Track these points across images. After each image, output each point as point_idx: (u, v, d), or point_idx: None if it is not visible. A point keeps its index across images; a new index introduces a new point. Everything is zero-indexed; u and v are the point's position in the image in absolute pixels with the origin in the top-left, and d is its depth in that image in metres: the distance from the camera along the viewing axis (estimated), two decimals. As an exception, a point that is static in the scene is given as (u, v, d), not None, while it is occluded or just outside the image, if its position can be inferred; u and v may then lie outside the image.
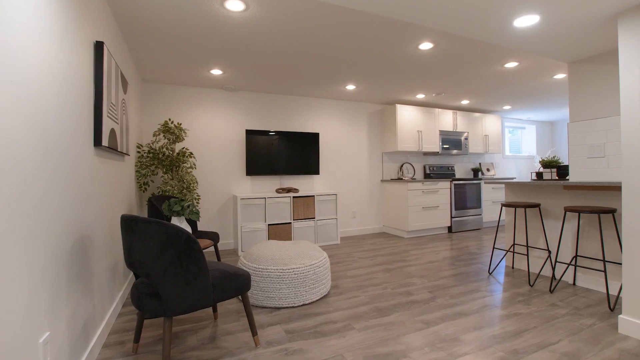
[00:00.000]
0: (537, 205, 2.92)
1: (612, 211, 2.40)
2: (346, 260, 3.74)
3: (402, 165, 5.72)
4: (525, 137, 7.76)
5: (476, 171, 6.37)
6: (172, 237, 1.49)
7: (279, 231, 4.31)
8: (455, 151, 5.80)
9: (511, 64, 3.60)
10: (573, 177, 2.86)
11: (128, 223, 1.51)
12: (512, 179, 6.20)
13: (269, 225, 4.24)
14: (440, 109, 5.65)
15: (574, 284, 2.83)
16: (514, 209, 3.40)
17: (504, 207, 3.07)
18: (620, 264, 2.50)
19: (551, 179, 3.14)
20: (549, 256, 2.97)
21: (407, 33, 2.71)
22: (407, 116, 5.31)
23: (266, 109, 4.72)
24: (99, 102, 1.89)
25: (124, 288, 2.65)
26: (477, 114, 6.10)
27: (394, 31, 2.68)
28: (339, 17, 2.43)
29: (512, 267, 3.37)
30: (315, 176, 5.04)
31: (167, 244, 1.49)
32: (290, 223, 4.38)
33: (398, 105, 5.21)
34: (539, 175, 3.32)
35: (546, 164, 3.16)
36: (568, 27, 2.26)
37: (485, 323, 2.13)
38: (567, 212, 2.61)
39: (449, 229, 5.46)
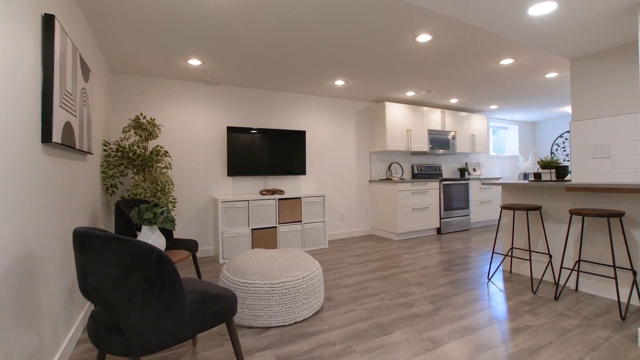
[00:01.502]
0: (539, 208, 2.79)
1: (620, 214, 2.28)
2: (337, 267, 3.49)
3: (390, 165, 5.55)
4: (508, 137, 7.81)
5: (463, 171, 6.30)
6: (139, 257, 1.19)
7: (264, 236, 4.01)
8: (442, 151, 5.69)
9: (507, 61, 3.47)
10: (575, 178, 2.74)
11: (81, 240, 1.19)
12: (498, 178, 6.17)
13: (252, 229, 3.93)
14: (428, 108, 5.52)
15: (577, 289, 2.72)
16: (512, 211, 3.27)
17: (503, 210, 3.00)
18: (628, 269, 2.39)
19: (551, 180, 3.02)
20: (550, 261, 2.85)
21: (405, 24, 2.50)
22: (396, 114, 5.14)
23: (249, 104, 4.40)
24: (49, 88, 1.55)
25: (86, 309, 2.28)
26: (463, 114, 6.02)
27: (392, 22, 2.45)
28: (334, 5, 2.17)
29: (510, 272, 3.24)
30: (301, 177, 4.77)
31: (133, 267, 1.18)
32: (275, 227, 4.09)
33: (387, 103, 5.02)
34: (537, 176, 3.20)
35: (545, 165, 3.04)
36: (582, 18, 2.12)
37: (497, 339, 1.94)
38: (572, 215, 2.48)
39: (438, 230, 5.34)
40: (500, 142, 7.81)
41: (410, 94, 4.84)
